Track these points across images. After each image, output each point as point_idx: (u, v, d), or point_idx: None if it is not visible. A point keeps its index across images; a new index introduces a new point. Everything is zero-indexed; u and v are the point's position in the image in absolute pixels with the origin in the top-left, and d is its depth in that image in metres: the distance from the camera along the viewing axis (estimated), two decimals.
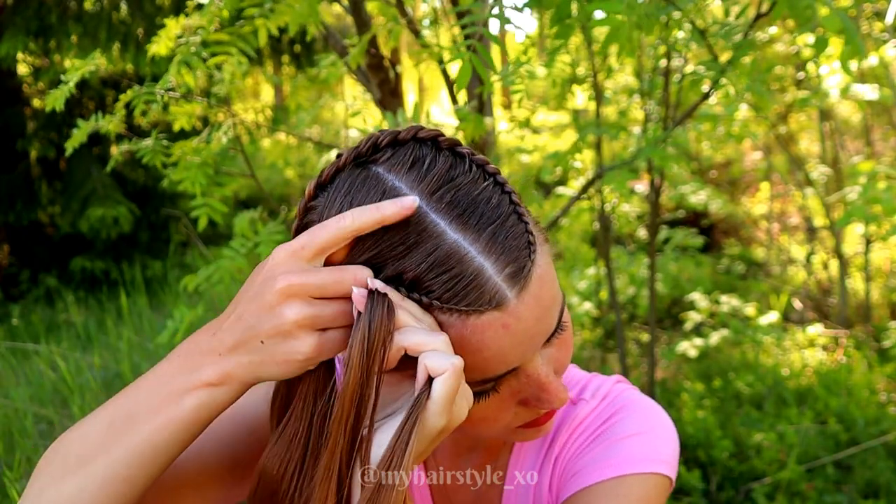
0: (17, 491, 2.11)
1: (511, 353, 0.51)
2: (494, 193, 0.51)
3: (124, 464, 0.50)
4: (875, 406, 2.82)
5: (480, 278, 0.49)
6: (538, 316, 0.51)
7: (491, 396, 0.55)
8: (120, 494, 0.50)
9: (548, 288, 0.52)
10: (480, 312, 0.49)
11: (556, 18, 0.87)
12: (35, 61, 5.72)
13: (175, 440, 0.50)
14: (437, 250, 0.48)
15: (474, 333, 0.49)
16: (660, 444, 0.63)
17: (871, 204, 1.74)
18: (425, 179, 0.50)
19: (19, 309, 4.86)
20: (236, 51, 1.41)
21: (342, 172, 0.53)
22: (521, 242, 0.50)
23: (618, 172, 1.56)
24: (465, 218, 0.49)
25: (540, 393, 0.54)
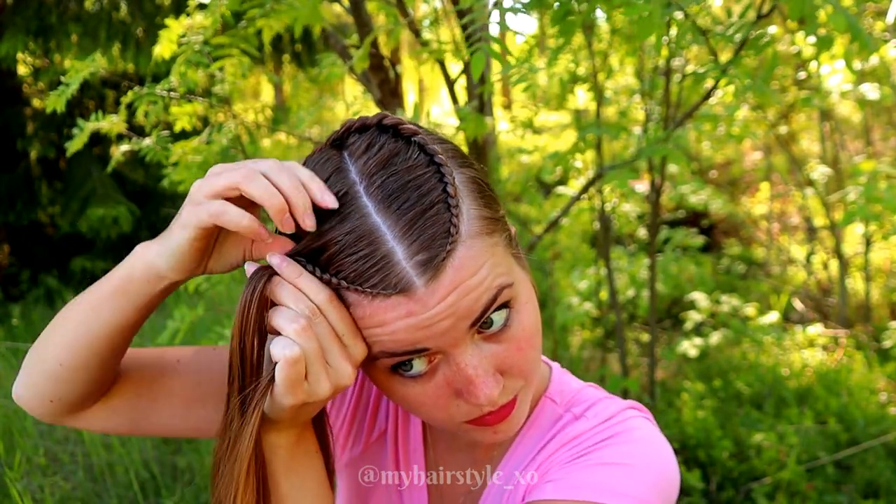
0: (17, 490, 2.10)
1: (417, 335, 0.52)
2: (429, 182, 0.52)
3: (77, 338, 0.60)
4: (875, 406, 2.82)
5: (388, 261, 0.50)
6: (450, 304, 0.51)
7: (425, 380, 0.55)
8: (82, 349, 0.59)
9: (468, 279, 0.51)
10: (386, 296, 0.50)
11: (559, 17, 0.87)
12: (35, 61, 5.72)
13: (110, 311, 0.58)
14: (356, 230, 0.51)
15: (377, 314, 0.51)
16: (640, 480, 0.60)
17: (872, 203, 1.75)
18: (367, 163, 0.53)
19: (19, 309, 4.86)
20: (238, 52, 1.41)
21: (319, 152, 0.57)
22: (440, 231, 0.50)
23: (619, 172, 1.56)
24: (388, 202, 0.51)
25: (467, 385, 0.54)
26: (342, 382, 0.53)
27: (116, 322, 0.58)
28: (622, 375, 2.83)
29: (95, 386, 0.63)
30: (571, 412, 0.67)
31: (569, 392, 0.70)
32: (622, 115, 2.91)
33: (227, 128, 1.49)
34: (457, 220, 0.51)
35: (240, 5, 1.38)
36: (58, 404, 0.63)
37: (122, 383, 0.68)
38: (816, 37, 1.27)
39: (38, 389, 0.63)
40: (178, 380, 0.70)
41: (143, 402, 0.68)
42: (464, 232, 0.52)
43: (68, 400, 0.63)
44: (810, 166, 3.96)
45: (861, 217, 1.72)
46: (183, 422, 0.70)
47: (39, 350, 0.62)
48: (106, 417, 0.68)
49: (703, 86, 1.83)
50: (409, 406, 0.58)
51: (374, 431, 0.75)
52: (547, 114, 5.78)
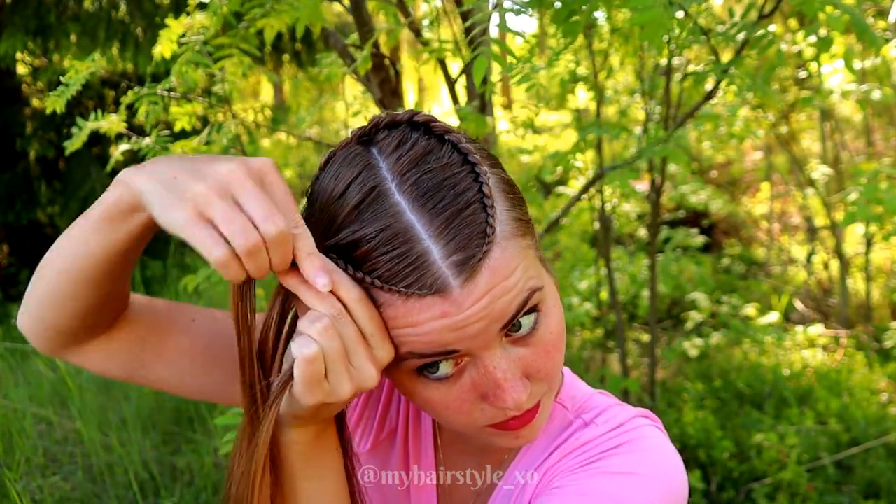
0: (16, 491, 2.10)
1: (450, 338, 0.51)
2: (464, 181, 0.51)
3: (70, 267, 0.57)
4: (876, 406, 2.82)
5: (424, 261, 0.49)
6: (484, 306, 0.50)
7: (451, 383, 0.54)
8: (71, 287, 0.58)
9: (503, 280, 0.51)
10: (420, 296, 0.50)
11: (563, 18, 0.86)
12: (34, 61, 5.72)
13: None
14: (391, 228, 0.49)
15: (412, 313, 0.50)
16: (649, 490, 0.59)
17: (873, 204, 1.74)
18: (401, 159, 0.52)
19: (19, 309, 4.86)
20: (238, 52, 1.41)
21: (345, 148, 0.56)
22: (476, 232, 0.50)
23: (619, 172, 1.56)
24: (423, 201, 0.50)
25: (494, 389, 0.53)
26: (365, 384, 0.52)
27: (104, 250, 0.54)
28: (622, 376, 2.83)
29: (91, 317, 0.61)
30: (581, 418, 0.67)
31: (579, 398, 0.70)
32: (622, 115, 2.90)
33: (226, 128, 1.49)
34: (493, 221, 0.51)
35: (241, 6, 1.38)
36: (54, 333, 0.62)
37: (130, 326, 0.66)
38: (817, 37, 1.26)
39: (36, 317, 0.61)
40: (189, 339, 0.68)
41: (147, 352, 0.67)
42: (499, 233, 0.51)
43: (65, 329, 0.61)
44: (811, 166, 3.96)
45: (862, 218, 1.72)
46: (181, 381, 0.68)
47: (37, 277, 0.60)
48: (105, 358, 0.66)
49: (704, 86, 1.83)
50: (431, 409, 0.57)
51: (385, 429, 0.74)
52: (547, 114, 5.78)
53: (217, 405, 2.85)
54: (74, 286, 0.57)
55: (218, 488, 2.42)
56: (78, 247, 0.55)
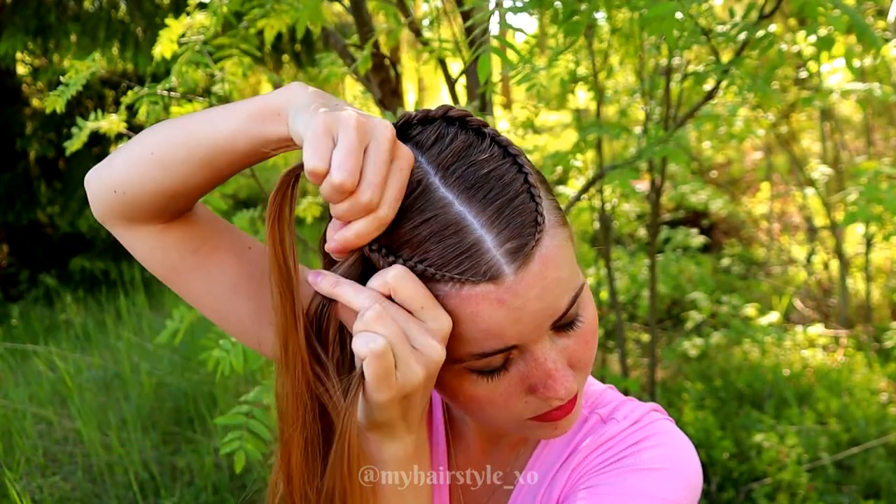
0: (16, 491, 2.10)
1: (507, 329, 0.51)
2: (509, 172, 0.52)
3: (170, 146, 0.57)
4: (876, 406, 2.81)
5: (478, 249, 0.49)
6: (539, 296, 0.51)
7: (499, 378, 0.54)
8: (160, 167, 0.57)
9: (554, 270, 0.51)
10: (475, 283, 0.50)
11: (563, 17, 0.86)
12: (34, 61, 5.71)
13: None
14: (441, 219, 0.50)
15: (468, 304, 0.50)
16: (673, 483, 0.60)
17: (874, 204, 1.74)
18: (442, 154, 0.52)
19: (18, 309, 4.86)
20: (238, 52, 1.41)
21: None
22: (528, 220, 0.50)
23: (620, 172, 1.56)
24: (472, 192, 0.50)
25: (546, 379, 0.54)
26: (434, 360, 0.51)
27: (230, 142, 0.54)
28: (622, 376, 2.83)
29: (170, 199, 0.60)
30: (597, 414, 0.68)
31: (591, 393, 0.70)
32: (622, 115, 2.90)
33: None
34: (542, 210, 0.52)
35: (241, 6, 1.38)
36: (121, 199, 0.60)
37: (189, 227, 0.64)
38: (817, 36, 1.26)
39: (114, 172, 0.60)
40: (238, 262, 0.66)
41: (196, 258, 0.65)
42: (547, 222, 0.52)
43: (135, 200, 0.59)
44: (811, 166, 3.95)
45: (862, 218, 1.72)
46: (211, 300, 0.67)
47: (141, 137, 0.59)
48: (153, 247, 0.64)
49: (704, 86, 1.83)
50: (476, 405, 0.57)
51: None
52: (547, 113, 5.77)
53: (217, 404, 2.85)
54: (176, 164, 0.56)
55: (218, 488, 2.42)
56: (204, 125, 0.55)
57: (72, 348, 3.67)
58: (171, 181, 0.58)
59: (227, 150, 0.55)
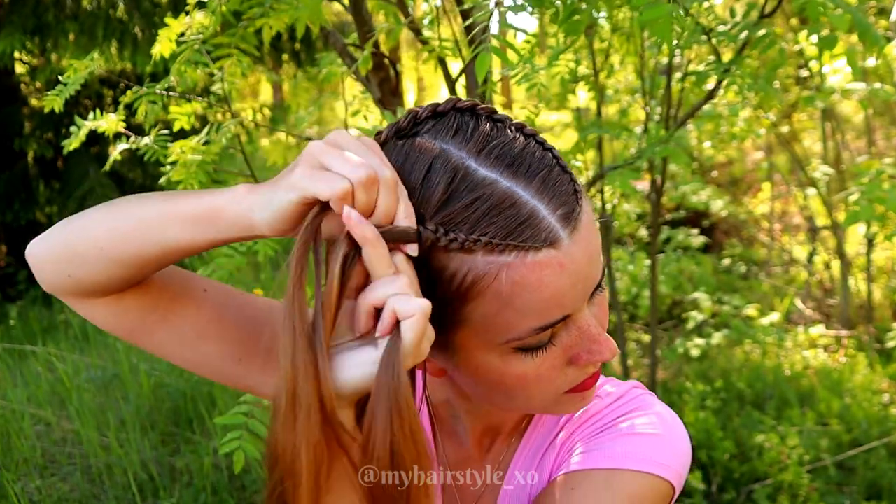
0: (14, 492, 2.09)
1: (567, 295, 0.53)
2: (537, 149, 0.54)
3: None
4: (877, 407, 2.81)
5: (535, 217, 0.51)
6: (589, 259, 0.54)
7: (545, 352, 0.56)
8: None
9: (594, 235, 0.55)
10: (537, 249, 0.51)
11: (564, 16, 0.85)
12: (32, 60, 5.71)
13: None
14: (493, 196, 0.51)
15: (533, 271, 0.51)
16: (669, 449, 0.62)
17: (875, 203, 1.73)
18: (471, 141, 0.53)
19: (17, 309, 4.85)
20: (238, 52, 1.40)
21: (385, 147, 0.55)
22: (569, 189, 0.54)
23: (621, 172, 1.55)
24: (514, 168, 0.52)
25: (591, 345, 0.56)
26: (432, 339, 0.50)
27: (179, 243, 0.55)
28: (623, 376, 2.82)
29: (118, 283, 0.60)
30: None
31: None
32: (623, 115, 2.89)
33: (225, 127, 1.48)
34: (576, 179, 0.55)
35: (240, 5, 1.37)
36: (72, 283, 0.60)
37: (141, 290, 0.64)
38: (818, 36, 1.26)
39: (60, 259, 0.59)
40: (198, 309, 0.66)
41: (155, 315, 0.66)
42: (581, 190, 0.55)
43: (86, 284, 0.60)
44: (812, 166, 3.95)
45: (864, 218, 1.71)
46: (182, 351, 0.67)
47: (85, 224, 0.58)
48: (112, 315, 0.65)
49: (705, 85, 1.82)
50: (523, 384, 0.57)
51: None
52: (547, 113, 5.77)
53: (216, 405, 2.84)
54: (129, 257, 0.57)
55: (217, 489, 2.41)
56: (154, 227, 0.55)
57: (70, 349, 3.66)
58: (123, 272, 0.58)
59: (179, 251, 0.56)
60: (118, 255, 0.57)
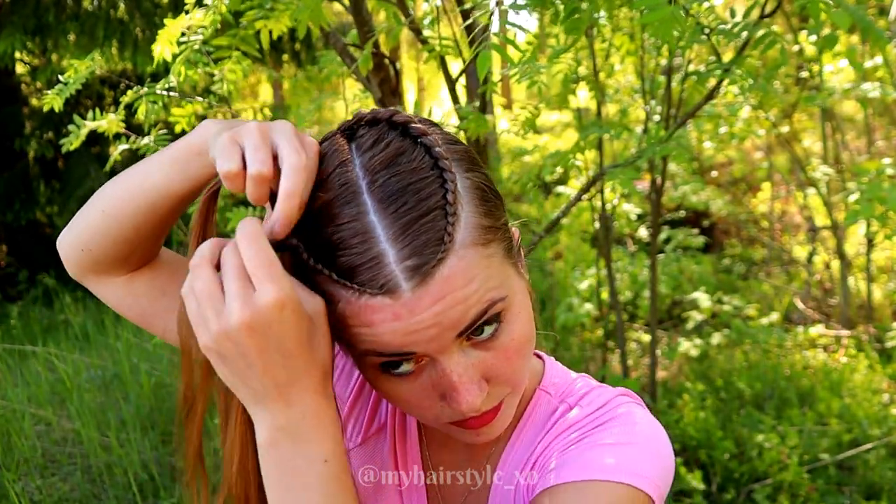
0: (15, 491, 2.09)
1: (405, 339, 0.51)
2: (430, 186, 0.52)
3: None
4: (877, 407, 2.81)
5: (379, 262, 0.50)
6: (438, 312, 0.50)
7: (412, 380, 0.55)
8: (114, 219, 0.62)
9: (457, 288, 0.51)
10: (372, 295, 0.50)
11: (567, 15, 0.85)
12: (33, 60, 5.71)
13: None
14: (353, 226, 0.51)
15: (364, 313, 0.51)
16: (642, 458, 0.60)
17: (875, 203, 1.73)
18: (373, 160, 0.53)
19: (17, 309, 4.85)
20: (238, 54, 1.40)
21: (328, 140, 0.57)
22: (433, 238, 0.50)
23: (622, 171, 1.55)
24: (387, 203, 0.51)
25: (450, 391, 0.54)
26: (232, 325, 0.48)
27: (164, 187, 0.59)
28: (623, 376, 2.82)
29: (128, 248, 0.64)
30: (566, 403, 0.68)
31: (562, 384, 0.71)
32: (623, 115, 2.89)
33: None
34: (451, 229, 0.51)
35: (240, 4, 1.37)
36: (88, 255, 0.65)
37: (154, 272, 0.69)
38: (818, 36, 1.26)
39: (76, 234, 0.65)
40: None
41: (165, 299, 0.69)
42: (458, 241, 0.51)
43: (99, 254, 0.64)
44: (812, 166, 3.95)
45: (864, 217, 1.71)
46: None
47: (93, 199, 0.64)
48: (124, 294, 0.69)
49: (705, 85, 1.82)
50: (398, 403, 0.58)
51: (374, 424, 0.74)
52: (548, 113, 5.76)
53: (216, 405, 2.84)
54: (126, 213, 0.61)
55: (217, 489, 2.41)
56: (139, 178, 0.60)
57: (70, 349, 3.66)
58: (124, 233, 0.62)
59: (164, 195, 0.59)
60: (116, 213, 0.61)
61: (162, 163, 0.59)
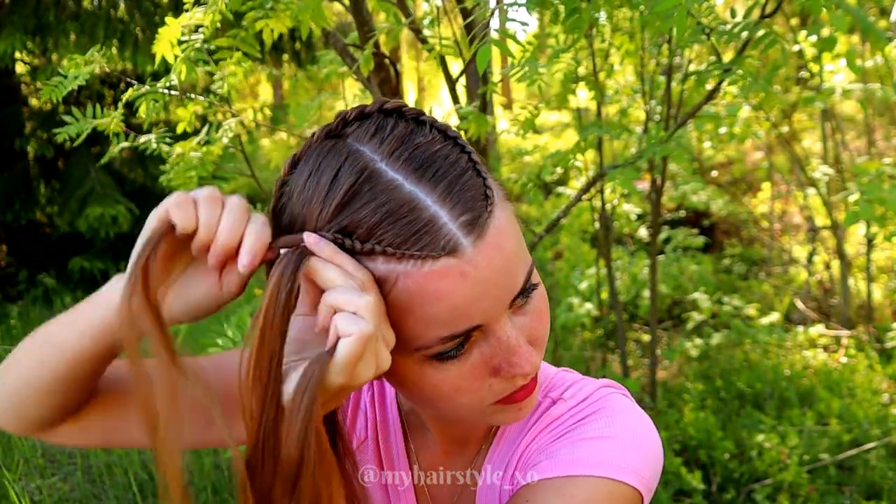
0: (15, 492, 2.09)
1: (473, 305, 0.51)
2: (453, 152, 0.53)
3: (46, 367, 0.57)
4: (877, 407, 2.81)
5: (434, 224, 0.49)
6: (499, 267, 0.51)
7: (462, 360, 0.54)
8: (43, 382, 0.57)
9: (508, 241, 0.52)
10: (435, 258, 0.49)
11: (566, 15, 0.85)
12: (33, 60, 5.71)
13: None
14: (392, 201, 0.50)
15: (430, 280, 0.50)
16: (627, 451, 0.59)
17: (875, 204, 1.73)
18: (385, 142, 0.52)
19: (17, 309, 4.85)
20: (239, 55, 1.40)
21: (312, 147, 0.55)
22: (478, 194, 0.51)
23: (622, 171, 1.55)
24: (420, 172, 0.51)
25: (510, 357, 0.54)
26: (383, 367, 0.50)
27: (79, 349, 0.55)
28: (623, 376, 2.82)
29: (63, 407, 0.61)
30: (549, 397, 0.68)
31: (545, 378, 0.71)
32: (623, 115, 2.89)
33: (226, 127, 1.48)
34: (490, 183, 0.53)
35: (241, 5, 1.37)
36: (26, 422, 0.61)
37: (94, 401, 0.64)
38: (818, 36, 1.26)
39: (6, 405, 0.61)
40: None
41: (113, 420, 0.65)
42: (496, 195, 0.53)
43: (36, 419, 0.61)
44: (812, 166, 3.95)
45: (865, 217, 1.71)
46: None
47: (8, 367, 0.60)
48: (78, 434, 0.65)
49: (705, 86, 1.82)
50: (441, 394, 0.56)
51: (354, 441, 0.74)
52: (547, 113, 5.76)
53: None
54: (49, 382, 0.57)
55: (217, 489, 2.42)
56: (54, 343, 0.56)
57: None
58: (61, 396, 0.59)
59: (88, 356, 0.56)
60: (42, 385, 0.57)
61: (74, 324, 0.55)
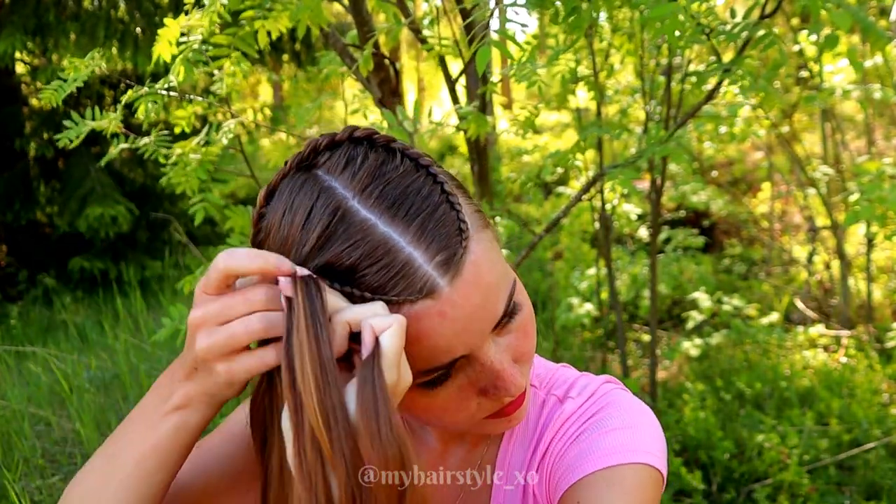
0: (15, 492, 2.09)
1: (454, 340, 0.51)
2: (425, 184, 0.52)
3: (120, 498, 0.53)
4: (877, 407, 2.81)
5: (410, 267, 0.49)
6: (477, 302, 0.51)
7: (448, 385, 0.55)
8: None
9: (487, 273, 0.52)
10: (412, 302, 0.50)
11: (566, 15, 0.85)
12: (33, 60, 5.71)
13: (161, 465, 0.53)
14: (367, 243, 0.49)
15: (410, 323, 0.50)
16: (647, 438, 0.63)
17: (875, 203, 1.73)
18: (356, 176, 0.51)
19: (17, 309, 4.85)
20: (238, 55, 1.40)
21: (286, 178, 0.54)
22: (452, 230, 0.51)
23: (622, 171, 1.55)
24: (394, 210, 0.50)
25: (496, 381, 0.54)
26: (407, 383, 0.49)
27: (176, 433, 0.53)
28: (623, 376, 2.82)
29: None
30: (554, 395, 0.69)
31: (545, 375, 0.72)
32: (623, 115, 2.89)
33: (226, 127, 1.48)
34: (464, 217, 0.52)
35: (239, 4, 1.37)
36: None
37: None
38: (818, 36, 1.25)
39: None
40: (234, 482, 0.65)
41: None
42: (471, 227, 0.52)
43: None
44: (812, 166, 3.94)
45: (866, 217, 1.71)
46: None
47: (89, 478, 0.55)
48: None
49: (705, 86, 1.82)
50: (431, 415, 0.58)
51: None
52: (547, 113, 5.76)
53: None
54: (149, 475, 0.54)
55: None
56: (147, 433, 0.53)
57: (70, 349, 3.66)
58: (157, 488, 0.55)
59: (166, 454, 0.53)
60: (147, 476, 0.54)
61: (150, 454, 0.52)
